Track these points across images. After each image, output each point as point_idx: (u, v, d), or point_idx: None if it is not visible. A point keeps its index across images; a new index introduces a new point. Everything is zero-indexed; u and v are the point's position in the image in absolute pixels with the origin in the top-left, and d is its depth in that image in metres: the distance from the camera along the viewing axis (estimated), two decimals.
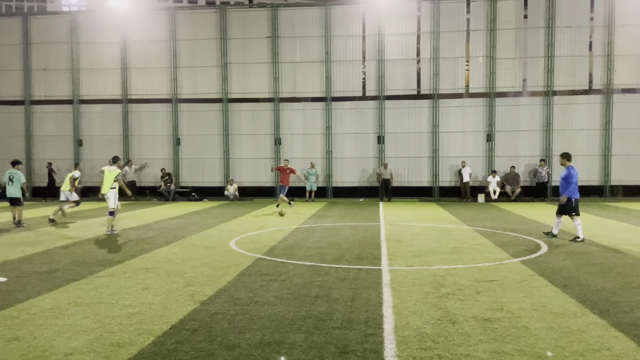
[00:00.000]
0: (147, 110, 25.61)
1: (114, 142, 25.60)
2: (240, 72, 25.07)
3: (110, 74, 25.60)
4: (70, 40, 25.59)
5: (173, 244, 11.00)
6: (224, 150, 25.13)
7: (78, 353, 4.63)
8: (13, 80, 25.92)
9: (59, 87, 25.83)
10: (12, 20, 26.35)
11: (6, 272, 8.11)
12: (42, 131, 25.95)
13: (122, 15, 25.50)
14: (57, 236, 12.25)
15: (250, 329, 5.27)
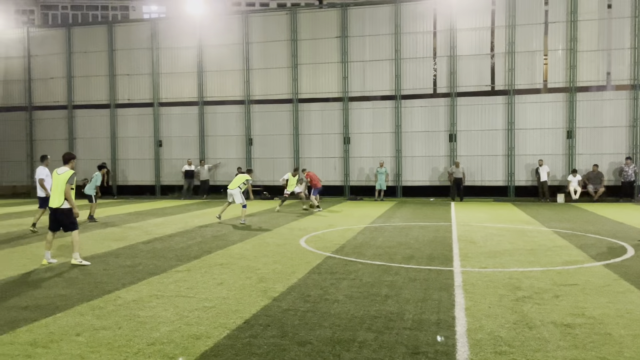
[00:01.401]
0: (222, 112, 26.47)
1: (191, 142, 26.68)
2: (309, 73, 25.35)
3: (187, 78, 26.70)
4: (150, 46, 26.94)
5: (246, 241, 11.32)
6: (294, 149, 25.52)
7: (159, 343, 4.89)
8: (100, 85, 27.65)
9: (140, 91, 27.26)
10: (99, 29, 28.11)
11: (94, 265, 8.68)
12: (125, 133, 27.50)
13: (198, 21, 26.53)
14: (140, 232, 12.96)
15: (320, 326, 5.33)
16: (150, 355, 4.60)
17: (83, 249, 10.25)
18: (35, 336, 5.08)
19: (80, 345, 4.83)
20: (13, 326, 5.38)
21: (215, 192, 25.68)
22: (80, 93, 27.87)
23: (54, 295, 6.67)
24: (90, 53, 27.69)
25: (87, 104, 27.85)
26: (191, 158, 25.91)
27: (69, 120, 27.92)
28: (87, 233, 12.87)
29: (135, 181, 27.45)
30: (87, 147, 27.63)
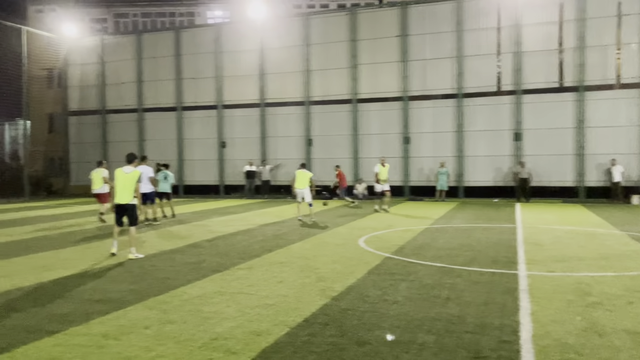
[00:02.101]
0: (282, 113, 26.87)
1: (253, 143, 27.24)
2: (369, 73, 25.26)
3: (249, 80, 27.28)
4: (214, 50, 27.76)
5: (305, 240, 11.45)
6: (353, 149, 25.51)
7: (222, 338, 5.04)
8: (167, 88, 28.78)
9: (205, 94, 28.13)
10: (166, 35, 29.27)
11: (161, 261, 9.06)
12: (191, 134, 28.47)
13: (260, 24, 27.06)
14: (204, 230, 13.39)
15: (379, 327, 5.32)
16: (213, 349, 4.75)
17: (151, 245, 10.73)
18: (107, 328, 5.37)
19: (148, 338, 5.06)
20: (87, 318, 5.71)
21: (276, 191, 26.10)
22: (150, 97, 29.12)
23: (125, 290, 7.02)
24: (159, 58, 28.87)
25: (155, 107, 29.06)
26: (253, 159, 26.48)
27: (139, 123, 29.24)
28: (156, 231, 13.44)
29: (200, 181, 28.36)
30: (156, 148, 28.81)
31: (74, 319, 5.66)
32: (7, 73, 27.04)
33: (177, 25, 33.96)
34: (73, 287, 7.24)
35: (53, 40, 30.21)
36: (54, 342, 4.96)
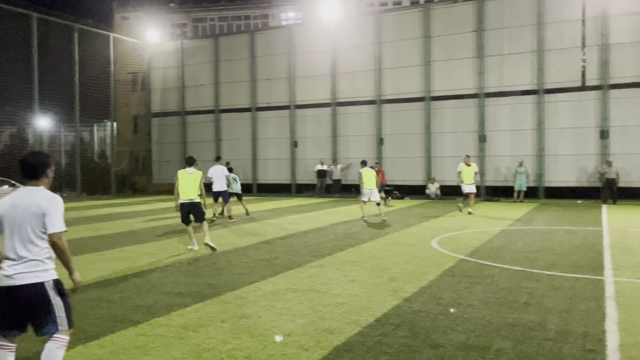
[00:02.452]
0: (353, 112, 26.87)
1: (324, 143, 27.46)
2: (443, 69, 24.70)
3: (321, 80, 27.51)
4: (287, 51, 28.24)
5: (376, 240, 11.39)
6: (425, 148, 25.06)
7: (294, 335, 5.13)
8: (242, 90, 29.63)
9: (278, 95, 28.70)
10: (242, 37, 30.13)
11: (237, 257, 9.34)
12: (264, 134, 29.15)
13: (332, 24, 27.22)
14: (277, 228, 13.66)
15: (453, 330, 5.20)
16: (286, 345, 4.84)
17: (227, 242, 11.10)
18: (187, 320, 5.61)
19: (224, 331, 5.24)
20: (168, 310, 6.00)
21: (347, 191, 26.15)
22: (225, 98, 30.10)
23: (203, 284, 7.30)
24: (234, 60, 29.77)
25: (231, 108, 30.00)
26: (324, 158, 26.69)
27: (215, 124, 30.31)
28: (232, 227, 13.88)
29: (273, 180, 28.98)
30: (232, 148, 29.76)
31: (156, 311, 5.97)
32: (96, 77, 28.93)
33: (252, 27, 34.87)
34: (155, 280, 7.62)
35: (137, 45, 31.97)
36: (138, 332, 5.25)
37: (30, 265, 3.62)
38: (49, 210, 3.66)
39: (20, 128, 29.23)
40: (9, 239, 3.66)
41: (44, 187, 3.79)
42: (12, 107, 26.35)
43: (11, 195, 3.77)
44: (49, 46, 26.33)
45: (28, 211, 3.64)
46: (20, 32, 24.98)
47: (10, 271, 3.60)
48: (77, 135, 29.06)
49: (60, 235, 3.68)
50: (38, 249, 3.66)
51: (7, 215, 3.67)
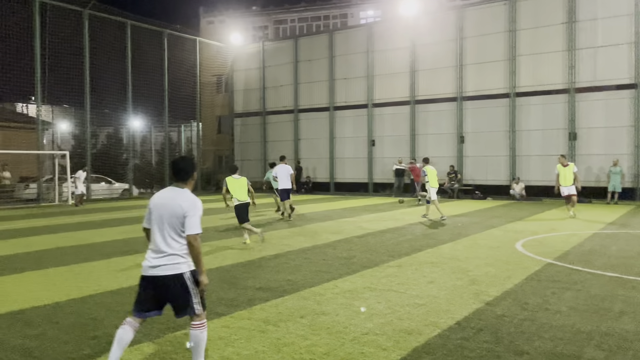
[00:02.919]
0: (433, 110, 26.33)
1: (402, 141, 27.13)
2: (529, 64, 23.58)
3: (400, 78, 27.19)
4: (366, 50, 28.17)
5: (457, 241, 11.10)
6: (509, 147, 24.05)
7: (372, 334, 5.11)
8: (321, 89, 29.94)
9: (356, 93, 28.71)
10: (321, 37, 30.45)
11: (315, 255, 9.46)
12: (342, 133, 29.28)
13: (412, 21, 26.82)
14: (354, 226, 13.68)
15: (540, 337, 4.96)
16: (364, 344, 4.84)
17: (305, 240, 11.26)
18: (267, 314, 5.76)
19: (303, 327, 5.32)
20: (250, 304, 6.19)
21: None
22: (304, 98, 30.55)
23: (282, 280, 7.47)
24: (314, 60, 30.14)
25: (309, 107, 30.41)
26: (402, 156, 26.36)
27: (294, 123, 30.85)
28: (309, 226, 14.08)
29: (350, 178, 29.04)
30: (310, 147, 30.17)
31: (238, 304, 6.18)
32: (183, 80, 30.40)
33: (331, 27, 35.11)
34: (238, 274, 7.89)
35: (221, 48, 33.22)
36: (222, 324, 5.46)
37: (171, 259, 4.01)
38: (189, 213, 4.02)
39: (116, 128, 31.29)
40: (155, 233, 4.08)
41: (188, 189, 4.20)
42: (109, 109, 28.29)
43: (160, 193, 4.21)
44: (141, 51, 28.00)
45: (171, 211, 4.03)
46: (116, 39, 26.76)
47: (155, 262, 4.03)
48: (165, 135, 30.69)
49: (196, 237, 4.02)
50: (178, 245, 4.03)
51: (155, 211, 4.10)
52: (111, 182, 27.17)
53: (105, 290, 6.93)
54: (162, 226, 4.04)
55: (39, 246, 10.79)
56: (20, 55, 22.98)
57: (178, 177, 4.19)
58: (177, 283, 4.01)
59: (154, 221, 4.09)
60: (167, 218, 4.03)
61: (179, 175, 4.18)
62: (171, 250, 4.02)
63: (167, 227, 4.03)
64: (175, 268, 4.01)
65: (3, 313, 5.86)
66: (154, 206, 4.12)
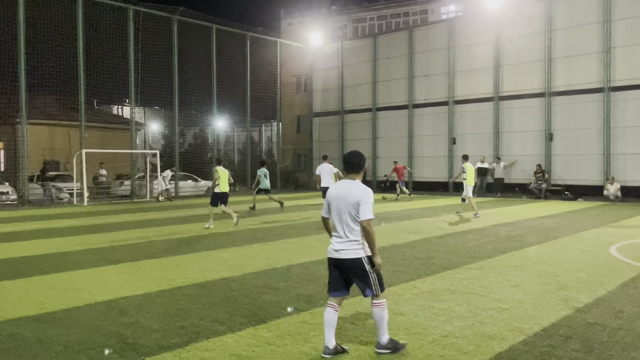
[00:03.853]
0: (518, 107, 25.22)
1: (485, 139, 26.22)
2: (626, 56, 21.94)
3: (482, 74, 26.30)
4: (447, 46, 27.50)
5: (544, 244, 10.57)
6: (603, 145, 22.53)
7: (452, 337, 5.00)
8: (399, 87, 29.60)
9: (436, 91, 28.11)
10: (400, 34, 30.10)
11: (393, 255, 9.38)
12: (421, 131, 28.79)
13: (496, 15, 25.83)
14: (434, 227, 13.42)
15: (636, 348, 4.62)
16: (444, 346, 4.74)
17: (383, 239, 11.20)
18: (345, 312, 5.77)
19: None
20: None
21: (510, 190, 24.67)
22: (383, 96, 30.35)
23: None
24: (393, 58, 29.86)
25: (388, 105, 30.16)
26: (485, 155, 25.47)
27: (372, 122, 30.73)
28: (387, 225, 13.98)
29: (429, 177, 28.50)
30: (388, 145, 29.93)
31: (316, 301, 6.26)
32: (264, 81, 31.24)
33: (411, 24, 34.58)
34: (316, 271, 7.99)
35: (301, 49, 33.76)
36: (301, 320, 5.56)
37: (351, 245, 4.51)
38: (362, 200, 4.45)
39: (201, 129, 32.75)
40: (336, 222, 4.59)
41: (359, 180, 4.63)
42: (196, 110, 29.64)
43: (336, 186, 4.69)
44: (225, 54, 29.09)
45: (348, 200, 4.49)
46: (202, 43, 27.98)
47: (338, 247, 4.57)
48: (247, 134, 31.68)
49: (369, 221, 4.45)
50: (355, 231, 4.50)
51: (333, 203, 4.59)
52: (197, 180, 28.45)
53: (191, 283, 7.28)
54: (341, 215, 4.51)
55: (132, 239, 11.52)
56: (117, 61, 24.64)
57: (350, 170, 4.65)
58: (356, 266, 4.51)
59: (334, 211, 4.57)
60: (344, 208, 4.49)
61: (351, 168, 4.65)
62: (351, 237, 4.50)
63: (345, 216, 4.50)
64: (354, 253, 4.50)
65: (101, 301, 6.33)
66: (332, 198, 4.60)
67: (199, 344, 4.82)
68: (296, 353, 4.60)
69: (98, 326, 5.35)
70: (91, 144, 24.48)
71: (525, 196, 23.71)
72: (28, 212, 18.66)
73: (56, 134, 27.79)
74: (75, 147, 24.98)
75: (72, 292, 6.80)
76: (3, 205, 21.06)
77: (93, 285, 7.15)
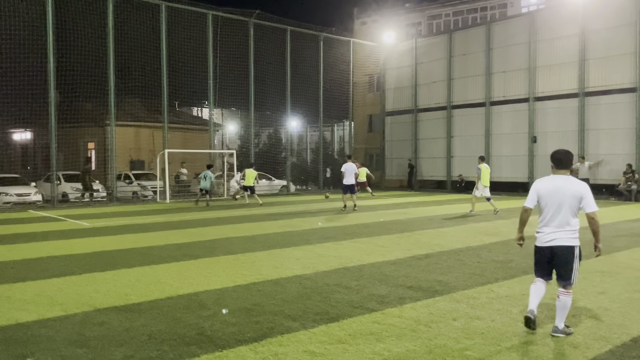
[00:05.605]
0: (606, 103, 23.70)
1: (568, 137, 24.86)
2: None
3: (566, 68, 24.97)
4: (527, 40, 26.34)
5: (634, 249, 9.88)
6: None
7: (532, 344, 4.79)
8: (476, 84, 28.71)
9: (515, 87, 27.01)
10: (477, 30, 29.17)
11: (468, 257, 9.12)
12: (499, 130, 27.76)
13: (581, 6, 24.41)
14: (513, 229, 12.88)
15: None
16: (524, 353, 4.56)
17: (458, 240, 10.92)
18: (418, 314, 5.71)
19: (456, 330, 5.18)
20: (400, 302, 6.19)
21: (596, 191, 23.22)
22: (458, 93, 29.58)
23: (433, 280, 7.34)
24: (469, 55, 29.02)
25: (463, 103, 29.35)
26: None
27: (447, 120, 30.03)
28: (462, 226, 13.62)
29: (507, 177, 27.43)
30: (463, 144, 29.13)
31: (389, 301, 6.22)
32: (337, 81, 31.38)
33: (489, 19, 33.44)
34: (388, 272, 7.94)
35: (374, 48, 33.60)
36: (373, 320, 5.54)
37: (566, 234, 4.99)
38: (585, 194, 4.94)
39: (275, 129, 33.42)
40: (551, 213, 5.02)
41: (570, 175, 5.08)
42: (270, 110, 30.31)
43: (547, 181, 5.11)
44: (299, 55, 29.52)
45: (569, 194, 4.93)
46: (277, 44, 28.56)
47: (551, 237, 5.02)
48: (320, 134, 31.97)
49: (595, 213, 4.97)
50: (573, 222, 4.99)
51: (549, 196, 5.02)
52: (271, 179, 29.09)
53: (265, 279, 7.46)
54: (561, 208, 4.95)
55: (210, 236, 11.98)
56: (196, 65, 25.70)
57: (561, 166, 5.08)
58: (567, 253, 4.95)
59: (549, 204, 5.01)
60: (565, 201, 4.92)
61: (562, 164, 5.09)
62: (568, 227, 4.96)
63: (565, 208, 4.94)
64: (569, 241, 4.97)
65: (182, 294, 6.63)
66: (546, 192, 5.05)
67: (273, 339, 4.94)
68: (368, 353, 4.60)
69: (179, 318, 5.61)
70: (173, 144, 25.70)
71: (614, 198, 22.24)
72: (116, 209, 19.90)
73: (141, 134, 29.46)
74: (158, 147, 26.33)
75: (156, 284, 7.18)
76: (94, 202, 22.60)
77: (175, 279, 7.51)
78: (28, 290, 6.90)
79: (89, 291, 6.82)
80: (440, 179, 30.69)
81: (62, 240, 11.46)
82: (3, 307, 6.08)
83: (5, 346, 4.79)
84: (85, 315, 5.72)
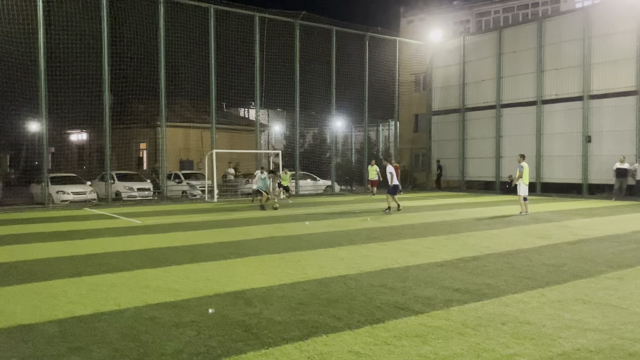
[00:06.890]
0: None
1: (626, 137, 23.81)
2: None
3: (624, 65, 23.90)
4: (582, 37, 25.38)
5: None
6: None
7: (586, 350, 4.61)
8: (526, 82, 27.88)
9: (568, 85, 26.07)
10: (528, 27, 28.32)
11: (518, 260, 8.87)
12: (551, 129, 26.87)
13: (638, 1, 23.35)
14: (564, 231, 12.46)
15: None
16: (580, 359, 4.40)
17: (508, 243, 10.65)
18: (465, 317, 5.60)
19: (505, 334, 5.05)
20: (447, 304, 6.09)
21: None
22: (508, 92, 28.82)
23: (481, 283, 7.18)
24: (519, 52, 28.24)
25: (513, 102, 28.57)
26: (625, 155, 23.10)
27: (496, 119, 29.30)
28: (511, 228, 13.27)
29: (559, 178, 26.53)
30: (513, 144, 28.33)
31: (435, 303, 6.13)
32: (383, 80, 31.16)
33: (541, 15, 32.41)
34: (434, 273, 7.83)
35: (420, 47, 33.18)
36: (419, 322, 5.47)
37: None
38: None
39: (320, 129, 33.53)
40: None
41: None
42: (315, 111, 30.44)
43: None
44: (344, 55, 29.50)
45: None
46: (322, 44, 28.65)
47: None
48: (365, 134, 31.85)
49: None
50: None
51: None
52: (316, 179, 29.20)
53: (310, 278, 7.50)
54: None
55: (256, 235, 12.15)
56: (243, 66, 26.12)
57: None
58: None
59: None
60: None
61: None
62: None
63: None
64: None
65: (229, 291, 6.76)
66: None
67: (318, 338, 4.96)
68: (414, 355, 4.55)
69: (227, 315, 5.72)
70: (220, 144, 26.20)
71: None
72: (166, 207, 20.48)
73: (190, 135, 30.18)
74: (206, 148, 26.92)
75: (204, 282, 7.34)
76: (145, 201, 23.34)
77: (222, 276, 7.66)
78: (83, 285, 7.20)
79: (140, 287, 7.05)
80: (489, 179, 29.98)
81: (115, 237, 11.90)
82: (60, 300, 6.37)
83: (62, 338, 5.01)
84: (136, 310, 5.91)
